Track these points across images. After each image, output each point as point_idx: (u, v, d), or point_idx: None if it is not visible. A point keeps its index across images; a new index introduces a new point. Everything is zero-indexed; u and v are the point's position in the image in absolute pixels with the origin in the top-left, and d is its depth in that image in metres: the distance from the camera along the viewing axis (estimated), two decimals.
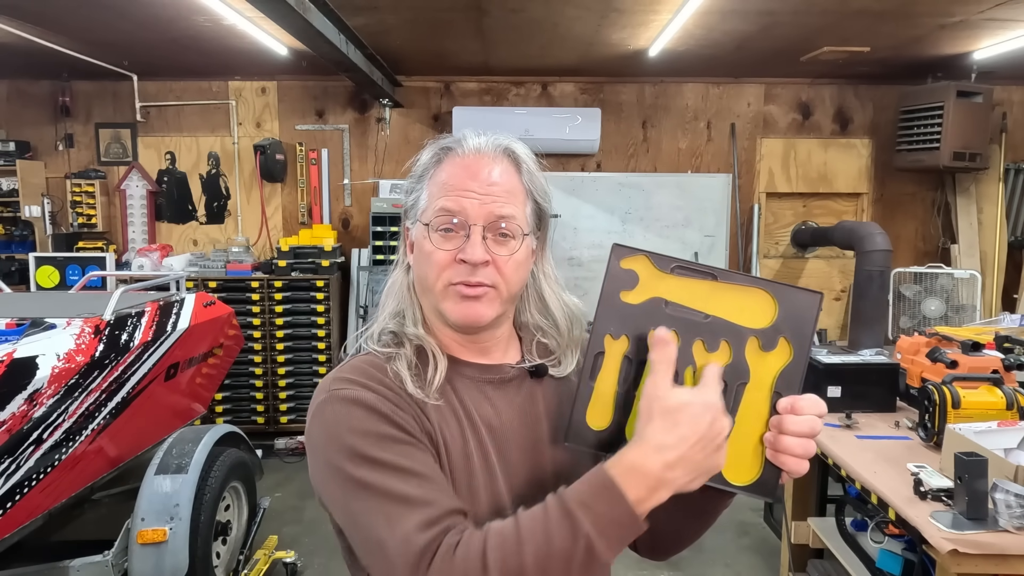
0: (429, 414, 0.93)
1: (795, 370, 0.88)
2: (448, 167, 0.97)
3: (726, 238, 5.76)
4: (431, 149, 1.01)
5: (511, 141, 1.01)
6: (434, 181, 0.98)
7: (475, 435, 0.95)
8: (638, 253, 0.91)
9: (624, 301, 0.90)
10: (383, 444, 0.86)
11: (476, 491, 0.92)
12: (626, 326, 0.90)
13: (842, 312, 5.98)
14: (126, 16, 3.93)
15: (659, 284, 0.90)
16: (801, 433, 0.86)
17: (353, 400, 0.89)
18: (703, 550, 3.82)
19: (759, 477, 0.88)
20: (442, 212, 0.94)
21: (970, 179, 5.70)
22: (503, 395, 1.00)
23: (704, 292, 0.90)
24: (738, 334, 0.89)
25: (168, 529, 2.80)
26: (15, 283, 5.17)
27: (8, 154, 5.44)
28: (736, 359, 0.89)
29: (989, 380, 2.61)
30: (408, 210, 1.02)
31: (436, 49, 4.80)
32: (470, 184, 0.95)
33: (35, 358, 2.33)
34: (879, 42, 4.48)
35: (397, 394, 0.92)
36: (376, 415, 0.88)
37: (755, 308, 0.89)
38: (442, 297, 0.96)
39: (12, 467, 2.38)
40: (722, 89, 5.78)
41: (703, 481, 0.83)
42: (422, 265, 0.97)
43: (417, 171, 1.01)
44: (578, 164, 5.81)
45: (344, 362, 0.99)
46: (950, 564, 1.88)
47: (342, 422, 0.88)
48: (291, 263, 5.33)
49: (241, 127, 5.74)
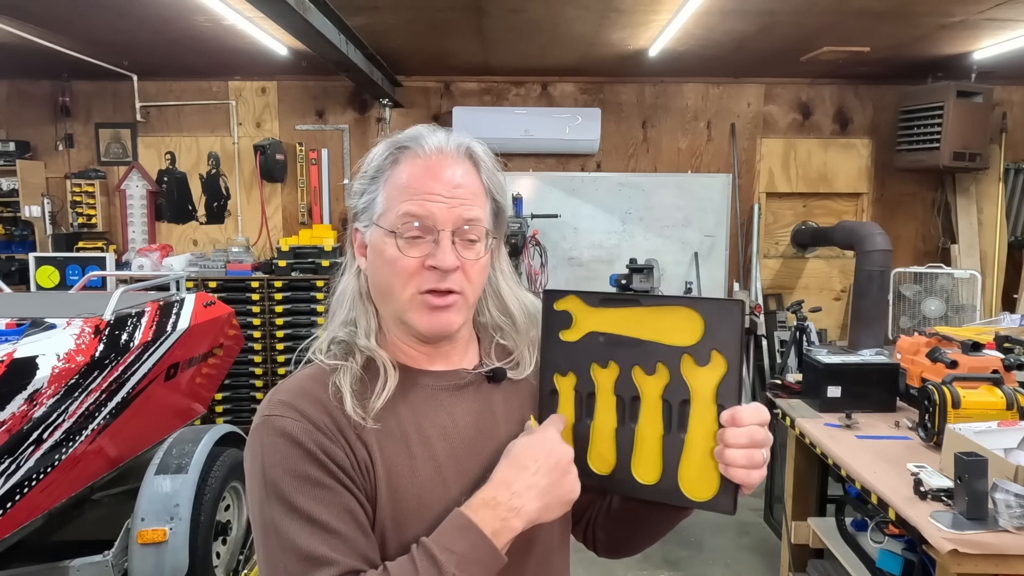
0: (366, 437, 0.90)
1: (731, 381, 0.90)
2: (408, 167, 0.93)
3: (726, 238, 5.76)
4: (385, 147, 0.96)
5: (470, 139, 0.98)
6: (393, 183, 0.93)
7: (425, 449, 0.93)
8: (567, 294, 0.97)
9: (563, 340, 0.96)
10: (302, 488, 0.85)
11: (428, 505, 0.90)
12: (569, 363, 0.96)
13: (842, 312, 5.98)
14: (126, 16, 3.93)
15: (591, 318, 0.96)
16: (741, 444, 0.86)
17: (281, 432, 0.87)
18: (703, 550, 3.83)
19: (717, 492, 0.89)
20: (408, 217, 0.91)
21: (970, 179, 5.70)
22: (459, 401, 0.98)
23: (634, 318, 0.94)
24: (672, 353, 0.92)
25: (168, 529, 2.80)
26: (15, 283, 5.17)
27: (8, 154, 5.44)
28: (673, 378, 0.92)
29: (989, 380, 2.61)
30: (359, 212, 0.97)
31: (436, 49, 4.80)
32: (435, 187, 0.91)
33: (35, 358, 2.33)
34: (879, 42, 4.48)
35: (331, 418, 0.89)
36: (301, 452, 0.86)
37: (683, 326, 0.91)
38: (409, 307, 0.93)
39: (12, 467, 2.38)
40: (722, 89, 5.78)
41: (561, 508, 0.89)
42: (384, 273, 0.93)
43: (369, 170, 0.96)
44: (578, 164, 5.81)
45: (289, 376, 0.96)
46: (950, 564, 1.88)
47: (268, 455, 0.87)
48: (291, 263, 5.34)
49: (241, 127, 5.74)
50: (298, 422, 0.88)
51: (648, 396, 0.93)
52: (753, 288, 5.74)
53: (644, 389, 0.93)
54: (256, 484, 0.88)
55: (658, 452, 0.92)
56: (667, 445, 0.92)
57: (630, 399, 0.93)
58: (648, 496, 0.93)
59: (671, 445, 0.91)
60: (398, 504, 0.89)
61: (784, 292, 6.02)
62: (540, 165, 5.77)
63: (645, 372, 0.93)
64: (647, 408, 0.93)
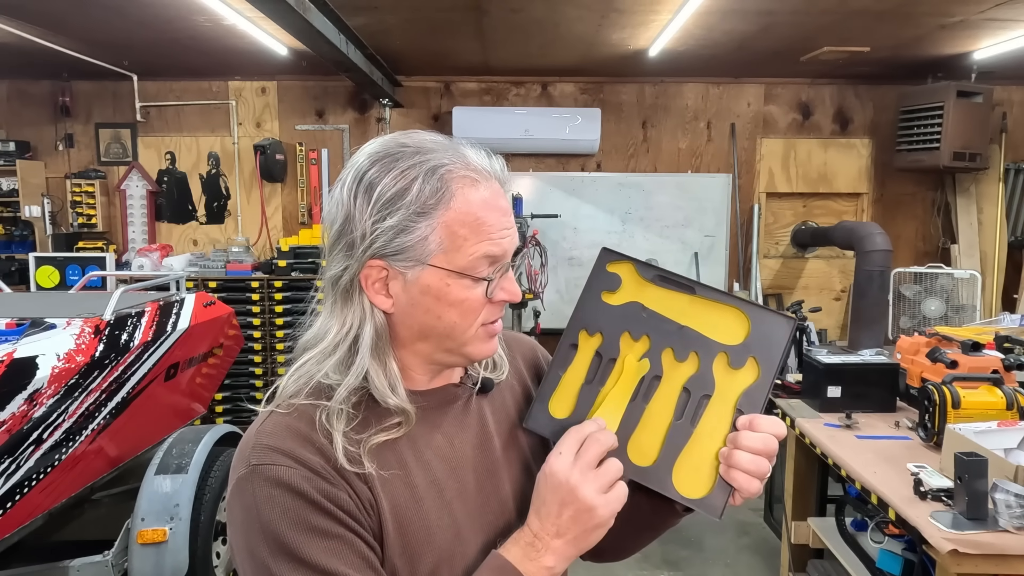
0: (365, 473, 0.83)
1: (760, 390, 0.89)
2: (472, 198, 0.83)
3: (726, 238, 5.76)
4: (425, 176, 0.82)
5: (496, 155, 0.91)
6: (456, 218, 0.82)
7: (426, 474, 0.88)
8: (625, 259, 0.95)
9: (604, 301, 0.94)
10: (309, 539, 0.77)
11: (433, 532, 0.86)
12: (602, 324, 0.93)
13: (842, 312, 5.98)
14: (126, 16, 3.93)
15: (640, 290, 0.94)
16: (755, 450, 0.85)
17: (277, 482, 0.78)
18: (703, 550, 3.83)
19: (708, 494, 0.88)
20: (488, 259, 0.84)
21: (970, 179, 5.70)
22: (451, 419, 0.93)
23: (681, 304, 0.93)
24: (708, 347, 0.91)
25: (168, 529, 2.80)
26: (15, 283, 5.17)
27: (8, 154, 5.44)
28: (703, 370, 0.91)
29: (989, 380, 2.61)
30: (391, 248, 0.82)
31: (436, 49, 4.80)
32: (503, 221, 0.85)
33: (35, 358, 2.33)
34: (879, 42, 4.48)
35: (327, 459, 0.81)
36: (303, 501, 0.78)
37: (728, 325, 0.91)
38: (472, 340, 0.88)
39: (12, 467, 2.38)
40: (722, 89, 5.78)
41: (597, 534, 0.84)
42: (445, 313, 0.85)
43: (410, 201, 0.81)
44: (578, 164, 5.81)
45: (267, 417, 0.85)
46: (950, 564, 1.88)
47: (264, 508, 0.78)
48: (291, 263, 5.34)
49: (241, 127, 5.74)
50: (294, 469, 0.79)
51: (670, 380, 0.91)
52: (753, 288, 5.74)
53: (669, 372, 0.91)
54: (254, 542, 0.79)
55: (661, 437, 0.90)
56: (672, 433, 0.90)
57: (651, 377, 0.91)
58: (635, 477, 0.89)
59: (677, 434, 0.89)
60: (407, 537, 0.85)
61: (784, 292, 6.02)
62: (540, 165, 5.77)
63: (676, 357, 0.91)
64: (665, 391, 0.91)
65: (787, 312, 0.94)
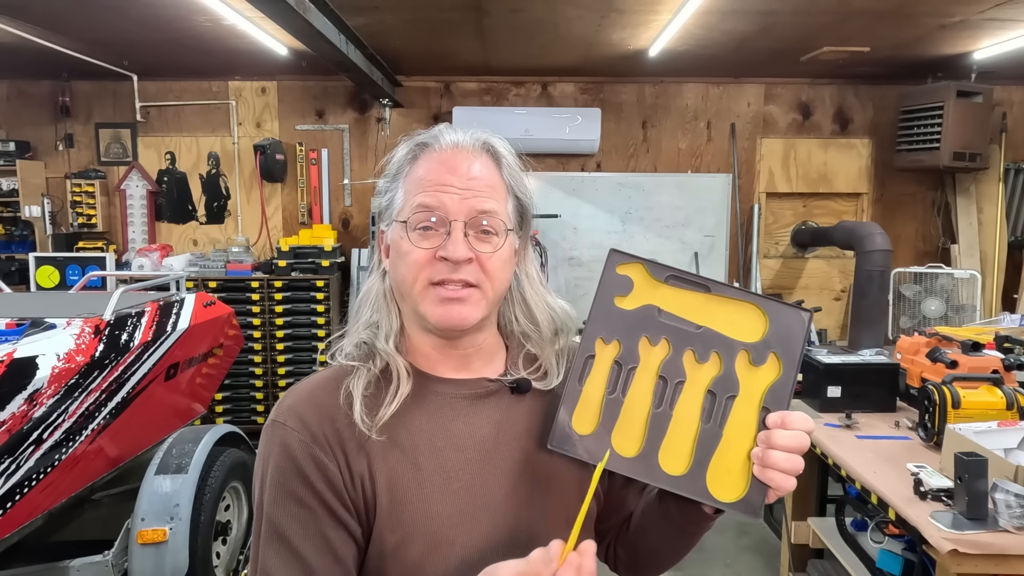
0: (370, 447, 0.88)
1: (784, 386, 0.88)
2: (425, 162, 0.93)
3: (726, 238, 5.76)
4: (406, 146, 0.96)
5: (490, 136, 0.96)
6: (410, 178, 0.93)
7: (435, 459, 0.90)
8: (634, 260, 0.91)
9: (618, 306, 0.91)
10: (284, 501, 0.86)
11: (431, 517, 0.88)
12: (618, 331, 0.90)
13: (842, 312, 5.98)
14: (126, 16, 3.93)
15: (653, 292, 0.91)
16: (790, 448, 0.85)
17: (282, 443, 0.88)
18: (703, 550, 3.82)
19: (745, 494, 0.87)
20: (420, 208, 0.90)
21: (970, 179, 5.70)
22: (479, 411, 0.94)
23: (697, 303, 0.90)
24: (729, 346, 0.89)
25: (168, 529, 2.80)
26: (15, 283, 5.17)
27: (8, 154, 5.44)
28: (726, 371, 0.89)
29: (989, 380, 2.61)
30: (383, 211, 0.97)
31: (436, 49, 4.80)
32: (449, 178, 0.90)
33: (35, 358, 2.33)
34: (879, 42, 4.48)
35: (333, 428, 0.88)
36: (291, 465, 0.87)
37: (746, 322, 0.89)
38: (421, 299, 0.90)
39: (12, 467, 2.38)
40: (722, 89, 5.78)
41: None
42: (399, 266, 0.92)
43: (391, 169, 0.96)
44: (578, 164, 5.81)
45: (308, 376, 0.96)
46: (950, 564, 1.88)
47: (265, 459, 0.89)
48: (291, 263, 5.34)
49: (241, 127, 5.74)
50: (296, 432, 0.88)
51: (694, 383, 0.89)
52: (753, 288, 5.74)
53: (692, 375, 0.89)
54: (256, 481, 0.91)
55: (691, 443, 0.87)
56: (703, 438, 0.87)
57: (675, 383, 0.89)
58: (671, 487, 0.87)
59: (706, 438, 0.87)
60: (402, 515, 0.87)
61: (784, 292, 6.02)
62: (540, 165, 5.77)
63: (697, 359, 0.89)
64: (690, 395, 0.89)
65: (801, 305, 0.92)
